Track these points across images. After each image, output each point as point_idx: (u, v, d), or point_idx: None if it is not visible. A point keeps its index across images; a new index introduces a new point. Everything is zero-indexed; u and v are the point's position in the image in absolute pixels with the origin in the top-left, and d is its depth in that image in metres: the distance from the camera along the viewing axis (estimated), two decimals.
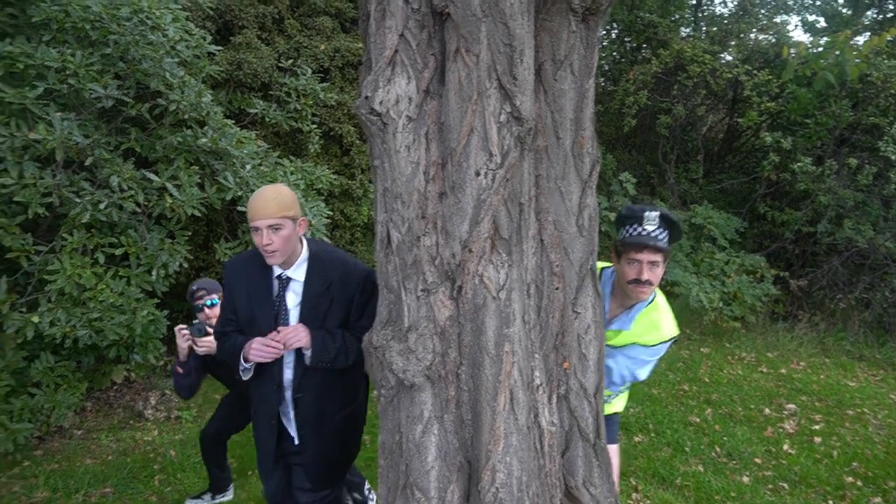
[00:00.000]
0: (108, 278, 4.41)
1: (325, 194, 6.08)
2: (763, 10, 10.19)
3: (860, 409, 5.60)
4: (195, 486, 4.20)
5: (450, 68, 1.77)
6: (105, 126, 4.70)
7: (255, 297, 2.67)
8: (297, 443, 2.79)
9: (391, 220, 1.87)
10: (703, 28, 10.31)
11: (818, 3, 10.12)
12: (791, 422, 5.31)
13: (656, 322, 2.68)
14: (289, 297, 2.66)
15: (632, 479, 4.30)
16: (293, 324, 2.63)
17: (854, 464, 4.60)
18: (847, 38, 5.09)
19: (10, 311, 4.25)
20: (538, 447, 1.99)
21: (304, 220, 2.62)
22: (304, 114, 6.11)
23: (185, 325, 3.37)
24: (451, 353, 1.89)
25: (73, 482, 4.38)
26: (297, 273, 2.66)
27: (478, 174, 1.76)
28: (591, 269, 2.06)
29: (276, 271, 2.66)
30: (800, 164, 7.62)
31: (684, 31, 10.36)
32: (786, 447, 4.84)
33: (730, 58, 9.54)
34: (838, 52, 5.08)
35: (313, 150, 6.31)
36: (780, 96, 8.45)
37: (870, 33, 9.05)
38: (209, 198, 4.85)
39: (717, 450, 4.79)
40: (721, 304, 7.27)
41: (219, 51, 5.48)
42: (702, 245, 8.06)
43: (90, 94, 4.35)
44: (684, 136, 9.71)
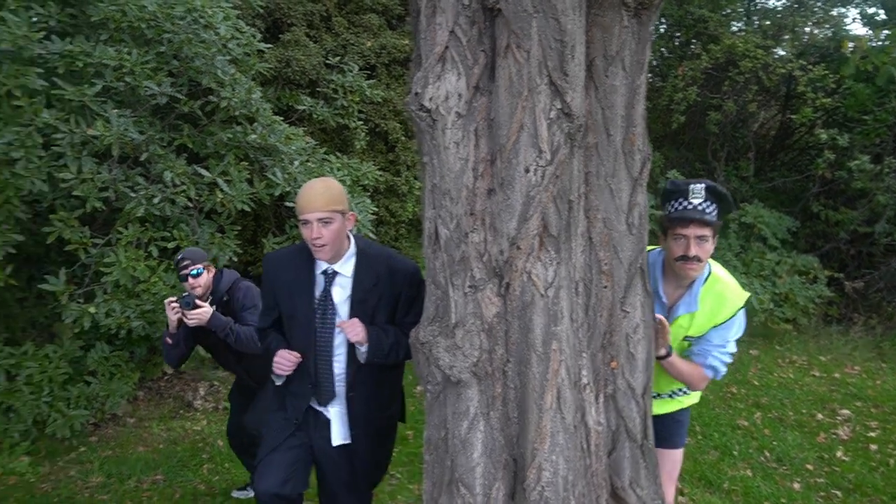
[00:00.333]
0: (160, 271, 4.53)
1: (371, 190, 6.13)
2: (819, 3, 9.87)
3: None
4: (242, 477, 4.29)
5: (500, 64, 1.76)
6: (159, 123, 4.82)
7: (296, 291, 2.64)
8: (348, 442, 2.71)
9: (439, 217, 1.87)
10: (756, 22, 10.03)
11: None
12: (845, 428, 5.15)
13: (722, 294, 2.55)
14: (335, 291, 2.62)
15: (677, 482, 4.23)
16: (339, 317, 2.61)
17: None
18: None
19: (68, 301, 4.40)
20: (585, 446, 1.98)
21: (352, 214, 2.60)
22: (350, 110, 6.17)
23: (174, 298, 3.37)
24: (497, 351, 1.88)
25: (125, 469, 4.51)
26: (345, 268, 2.62)
27: (527, 171, 1.76)
28: (640, 267, 2.03)
29: (322, 266, 2.62)
30: (857, 161, 7.36)
31: (736, 25, 10.10)
32: (839, 454, 4.69)
33: (783, 52, 9.27)
34: None
35: (359, 147, 6.37)
36: (837, 92, 8.17)
37: None
38: (258, 193, 4.94)
39: (767, 454, 4.68)
40: (772, 306, 7.08)
41: (268, 48, 5.56)
42: (752, 245, 7.86)
43: (145, 91, 4.47)
44: (734, 133, 9.48)
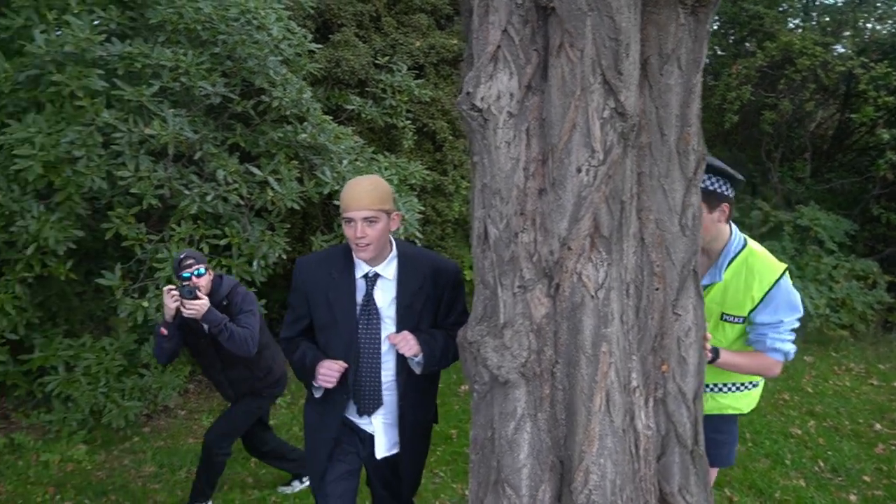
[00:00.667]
0: (212, 267, 4.63)
1: (418, 190, 6.17)
2: None
3: None
4: (287, 473, 4.35)
5: (553, 63, 1.74)
6: (212, 122, 4.94)
7: (335, 298, 2.48)
8: (396, 451, 2.62)
9: (489, 216, 1.87)
10: (815, 18, 9.73)
11: None
12: None
13: (752, 267, 2.51)
14: (377, 295, 2.49)
15: (726, 490, 4.13)
16: (385, 322, 2.49)
17: None
18: None
19: (123, 296, 4.54)
20: (633, 451, 1.95)
21: (397, 214, 2.48)
22: (398, 110, 6.21)
23: (173, 286, 3.35)
24: (546, 351, 1.87)
25: (176, 459, 4.64)
26: (387, 270, 2.49)
27: (579, 171, 1.74)
28: (693, 269, 1.99)
29: (362, 269, 2.49)
30: None
31: (793, 22, 9.82)
32: None
33: (843, 49, 8.98)
34: None
35: (407, 146, 6.41)
36: None
37: None
38: (307, 192, 5.01)
39: (821, 464, 4.54)
40: (827, 311, 6.87)
41: (318, 49, 5.64)
42: (807, 248, 7.63)
43: (200, 91, 4.58)
44: (790, 133, 9.22)
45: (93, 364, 4.60)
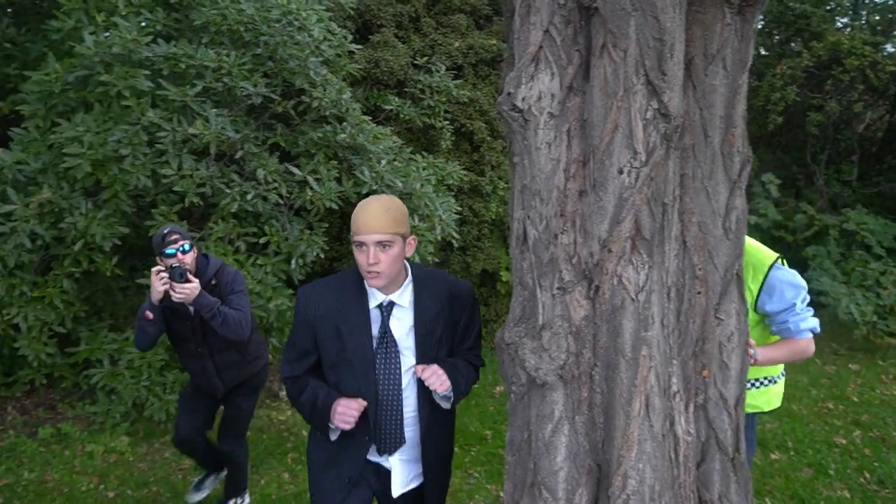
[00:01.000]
0: (248, 265, 4.70)
1: (455, 190, 6.17)
2: None
3: None
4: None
5: (595, 64, 1.73)
6: (253, 122, 5.01)
7: (347, 331, 2.27)
8: (418, 484, 2.46)
9: (528, 217, 1.86)
10: (864, 17, 9.47)
11: None
12: None
13: (747, 261, 2.40)
14: (393, 325, 2.30)
15: (767, 499, 4.05)
16: (403, 354, 2.32)
17: None
18: None
19: None
20: (673, 456, 1.92)
21: (413, 238, 2.28)
22: (436, 110, 6.22)
23: (162, 267, 3.12)
24: (585, 354, 1.85)
25: None
26: (402, 298, 2.30)
27: (621, 172, 1.72)
28: (736, 273, 1.95)
29: (376, 298, 2.29)
30: None
31: (841, 21, 9.57)
32: None
33: (893, 49, 8.73)
34: None
35: (445, 147, 6.41)
36: None
37: None
38: (346, 191, 5.05)
39: (867, 476, 4.41)
40: (875, 318, 6.68)
41: (358, 49, 5.68)
42: (853, 253, 7.43)
43: (241, 91, 4.65)
44: (837, 135, 8.99)
45: (136, 358, 4.70)
